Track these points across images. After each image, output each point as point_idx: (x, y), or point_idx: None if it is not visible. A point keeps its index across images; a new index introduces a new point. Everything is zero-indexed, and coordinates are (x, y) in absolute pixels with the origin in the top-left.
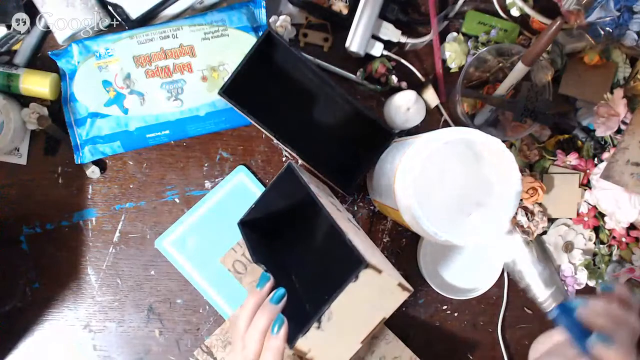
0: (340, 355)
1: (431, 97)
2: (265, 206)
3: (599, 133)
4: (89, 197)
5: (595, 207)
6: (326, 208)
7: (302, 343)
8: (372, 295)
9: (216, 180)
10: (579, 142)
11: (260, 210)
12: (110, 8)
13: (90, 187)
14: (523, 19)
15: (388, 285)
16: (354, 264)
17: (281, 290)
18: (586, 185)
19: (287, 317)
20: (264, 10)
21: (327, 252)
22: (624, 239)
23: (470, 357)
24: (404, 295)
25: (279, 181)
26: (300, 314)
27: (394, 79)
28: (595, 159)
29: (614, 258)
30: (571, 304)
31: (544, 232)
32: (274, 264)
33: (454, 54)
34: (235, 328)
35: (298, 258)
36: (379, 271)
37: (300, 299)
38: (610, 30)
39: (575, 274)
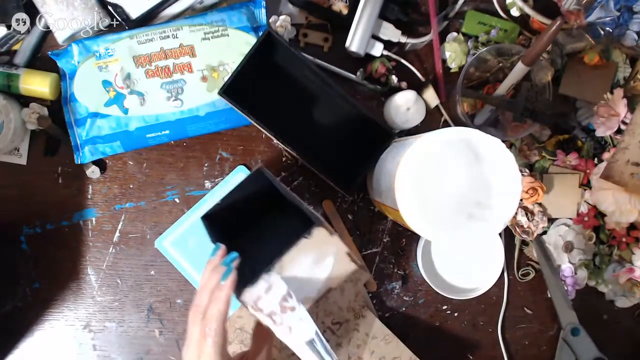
0: None
1: (431, 97)
2: (230, 205)
3: (599, 133)
4: (89, 197)
5: (595, 207)
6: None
7: (249, 296)
8: (322, 259)
9: (216, 180)
10: (579, 142)
11: (225, 209)
12: (110, 8)
13: (90, 187)
14: (523, 19)
15: (338, 252)
16: (306, 221)
17: (233, 254)
18: (586, 185)
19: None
20: (264, 10)
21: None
22: (624, 239)
23: (470, 357)
24: (351, 268)
25: (246, 183)
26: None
27: (394, 79)
28: (595, 159)
29: (614, 258)
30: None
31: (544, 232)
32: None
33: (454, 54)
34: (195, 295)
35: (260, 253)
36: (331, 233)
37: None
38: (610, 30)
39: (575, 274)
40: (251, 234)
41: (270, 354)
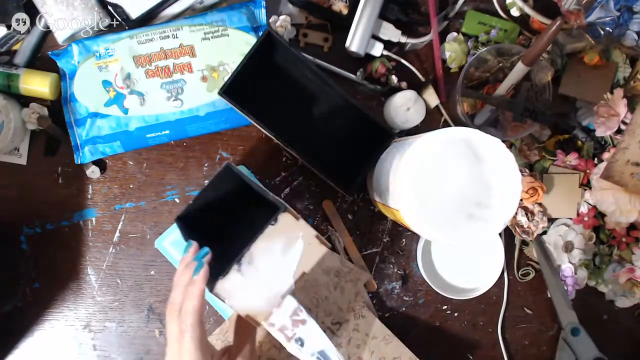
0: (260, 306)
1: (431, 97)
2: (204, 204)
3: (599, 133)
4: (89, 197)
5: (595, 207)
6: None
7: (222, 288)
8: (291, 244)
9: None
10: (579, 142)
11: (198, 208)
12: (110, 8)
13: (90, 187)
14: (523, 19)
15: (306, 236)
16: (274, 210)
17: (205, 249)
18: (586, 185)
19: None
20: (264, 10)
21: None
22: (624, 239)
23: (470, 357)
24: (322, 250)
25: (216, 181)
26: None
27: (394, 79)
28: (595, 159)
29: (614, 258)
30: None
31: (544, 232)
32: (215, 252)
33: (454, 54)
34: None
35: (237, 249)
36: (297, 218)
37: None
38: (610, 30)
39: (575, 274)
40: (227, 231)
41: (254, 347)
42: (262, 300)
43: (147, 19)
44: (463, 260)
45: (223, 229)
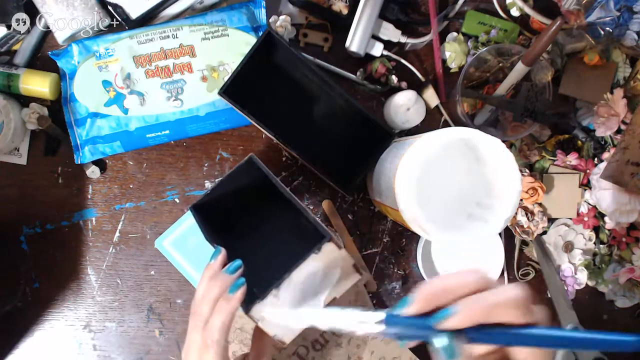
0: (290, 328)
1: (431, 97)
2: (221, 195)
3: (599, 133)
4: (89, 197)
5: (595, 207)
6: (291, 198)
7: (257, 311)
8: (330, 272)
9: (216, 180)
10: (579, 142)
11: (215, 198)
12: (110, 8)
13: (90, 187)
14: (523, 19)
15: (345, 265)
16: (316, 238)
17: (237, 262)
18: (586, 185)
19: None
20: (264, 10)
21: (287, 242)
22: (624, 239)
23: None
24: (355, 278)
25: (238, 172)
26: (251, 294)
27: (394, 79)
28: (595, 159)
29: (614, 258)
30: (396, 310)
31: (544, 232)
32: (231, 249)
33: (454, 54)
34: (193, 300)
35: (253, 248)
36: (339, 247)
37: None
38: (610, 30)
39: (575, 274)
40: (246, 230)
41: (270, 356)
42: (291, 322)
43: (147, 19)
44: (463, 261)
45: (242, 226)
